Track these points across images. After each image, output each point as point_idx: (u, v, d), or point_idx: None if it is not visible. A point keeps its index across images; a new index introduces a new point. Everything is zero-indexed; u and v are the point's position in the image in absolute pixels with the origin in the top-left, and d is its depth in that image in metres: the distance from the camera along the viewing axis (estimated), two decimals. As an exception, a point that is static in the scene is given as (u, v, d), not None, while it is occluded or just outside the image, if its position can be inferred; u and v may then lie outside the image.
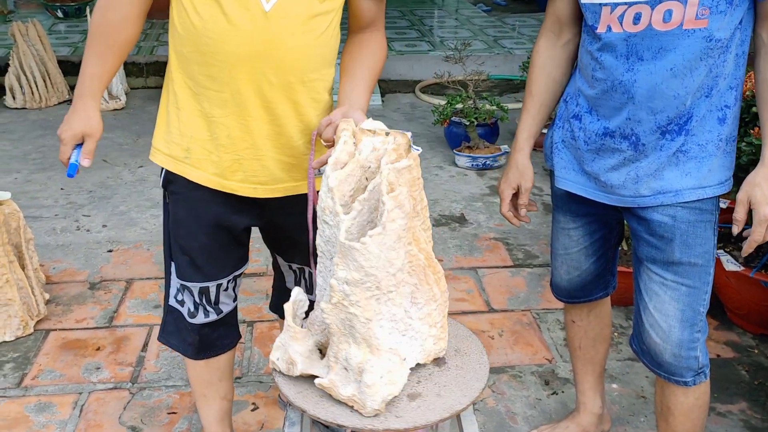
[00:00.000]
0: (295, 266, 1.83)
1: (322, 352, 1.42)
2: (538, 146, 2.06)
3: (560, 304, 2.75)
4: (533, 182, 1.79)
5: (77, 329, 2.59)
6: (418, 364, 1.43)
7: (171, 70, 1.60)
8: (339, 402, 1.33)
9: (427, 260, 1.36)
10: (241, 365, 2.41)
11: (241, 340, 2.50)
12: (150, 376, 2.34)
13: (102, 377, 2.33)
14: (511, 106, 4.59)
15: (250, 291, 2.85)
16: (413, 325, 1.39)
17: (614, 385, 2.33)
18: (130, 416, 2.16)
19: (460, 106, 4.18)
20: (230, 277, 1.73)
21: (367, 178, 1.38)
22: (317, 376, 1.35)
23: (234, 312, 1.80)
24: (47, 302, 2.72)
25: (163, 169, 1.66)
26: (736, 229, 1.54)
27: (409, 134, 1.38)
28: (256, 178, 1.61)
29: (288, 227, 1.74)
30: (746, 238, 1.58)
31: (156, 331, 2.56)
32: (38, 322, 2.60)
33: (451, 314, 2.70)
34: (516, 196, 1.81)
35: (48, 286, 2.85)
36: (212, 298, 1.72)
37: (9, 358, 2.42)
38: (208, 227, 1.66)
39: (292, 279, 1.86)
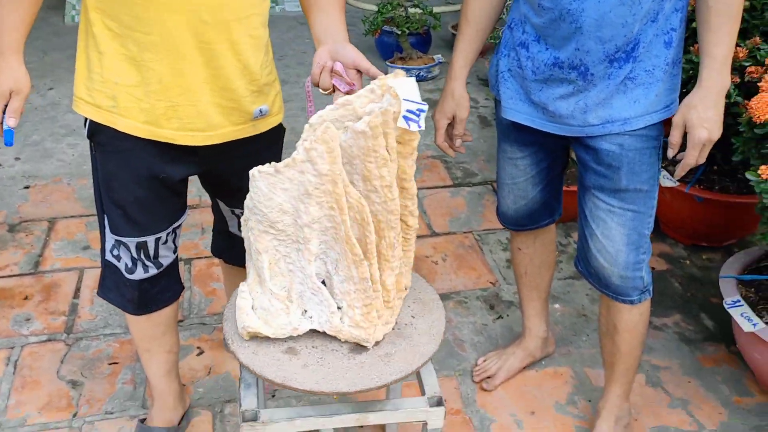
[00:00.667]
0: (238, 211, 1.74)
1: None
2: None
3: (499, 225, 2.77)
4: (468, 112, 1.75)
5: (1, 277, 2.44)
6: (326, 334, 1.40)
7: (87, 9, 1.43)
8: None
9: (346, 236, 1.29)
10: (182, 307, 2.33)
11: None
12: (85, 324, 2.24)
13: (34, 329, 2.22)
14: (442, 9, 4.44)
15: (185, 225, 2.71)
16: (323, 291, 1.36)
17: (556, 305, 2.38)
18: (69, 369, 2.08)
19: (391, 15, 4.00)
20: (169, 229, 1.63)
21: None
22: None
23: (175, 263, 1.71)
24: (-37, 249, 2.54)
25: (86, 118, 1.51)
26: (671, 153, 1.55)
27: (415, 106, 1.25)
28: (193, 124, 1.49)
29: (230, 174, 1.63)
30: (680, 161, 1.58)
31: (87, 274, 2.45)
32: (-45, 272, 2.43)
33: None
34: (451, 125, 1.77)
35: (-38, 230, 2.65)
36: (151, 252, 1.62)
37: (-73, 314, 2.27)
38: (142, 179, 1.53)
39: (235, 224, 1.77)
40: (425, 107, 1.25)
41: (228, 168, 1.61)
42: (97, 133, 1.52)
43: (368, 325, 1.35)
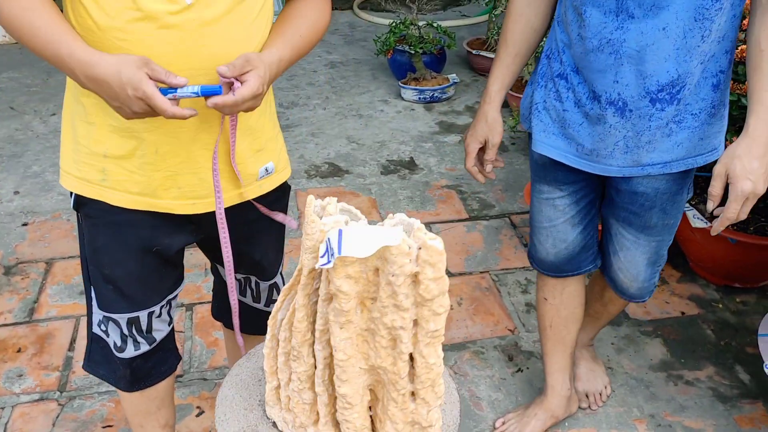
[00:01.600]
0: (239, 276, 1.60)
1: None
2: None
3: (519, 264, 2.63)
4: (501, 137, 1.68)
5: (-7, 327, 2.33)
6: None
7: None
8: None
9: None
10: (182, 360, 2.20)
11: (180, 329, 2.29)
12: (80, 381, 2.12)
13: (26, 386, 2.10)
14: (457, 23, 4.29)
15: (187, 266, 2.57)
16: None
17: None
18: (61, 434, 1.96)
19: (404, 33, 3.86)
20: (163, 302, 1.49)
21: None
22: None
23: (171, 335, 1.57)
24: (-44, 295, 2.43)
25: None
26: (711, 205, 1.43)
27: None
28: (194, 192, 1.36)
29: (232, 239, 1.47)
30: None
31: (83, 323, 2.33)
32: (-53, 321, 2.33)
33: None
34: (482, 150, 1.71)
35: (-44, 273, 2.55)
36: (143, 327, 1.48)
37: None
38: (135, 252, 1.40)
39: (235, 288, 1.63)
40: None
41: (229, 234, 1.46)
42: (84, 205, 1.39)
43: None
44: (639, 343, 2.29)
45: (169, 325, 1.55)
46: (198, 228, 1.45)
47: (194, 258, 2.63)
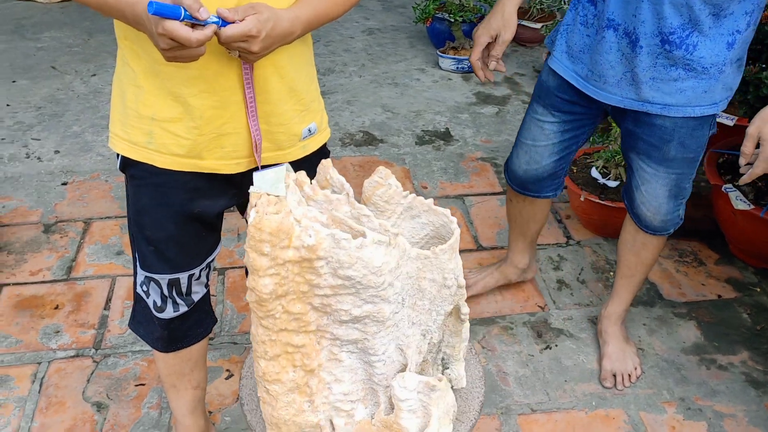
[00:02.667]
0: None
1: None
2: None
3: (552, 240, 2.61)
4: (513, 34, 1.71)
5: (33, 283, 2.38)
6: None
7: (120, 38, 1.31)
8: None
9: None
10: (213, 323, 2.23)
11: (213, 292, 2.33)
12: (114, 340, 2.17)
13: (62, 343, 2.16)
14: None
15: (220, 231, 2.63)
16: None
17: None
18: (95, 390, 2.01)
19: (444, 1, 3.79)
20: (203, 264, 1.52)
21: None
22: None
23: (207, 297, 1.60)
24: (-3, 251, 2.50)
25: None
26: (742, 161, 1.54)
27: (282, 166, 1.08)
28: (238, 152, 1.37)
29: None
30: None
31: (119, 283, 2.38)
32: (-12, 276, 2.39)
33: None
34: (491, 45, 1.74)
35: (-3, 230, 2.61)
36: (183, 289, 1.51)
37: (-41, 322, 2.23)
38: (177, 216, 1.42)
39: None
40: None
41: None
42: (130, 166, 1.41)
43: None
44: (672, 325, 2.25)
45: (206, 287, 1.57)
46: (239, 192, 1.46)
47: (227, 223, 2.65)
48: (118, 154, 1.42)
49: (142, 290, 1.52)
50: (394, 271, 1.02)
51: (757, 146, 1.53)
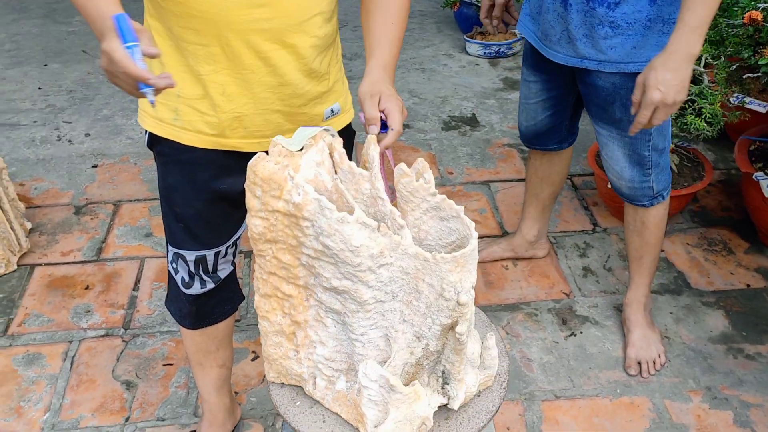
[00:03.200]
0: None
1: None
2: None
3: (578, 227, 2.59)
4: None
5: (64, 263, 2.43)
6: None
7: (146, 16, 1.33)
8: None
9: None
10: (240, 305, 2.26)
11: (239, 275, 2.35)
12: (143, 320, 2.21)
13: (93, 322, 2.20)
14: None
15: (247, 214, 2.66)
16: None
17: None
18: (124, 369, 2.05)
19: (471, -15, 3.76)
20: (229, 242, 1.55)
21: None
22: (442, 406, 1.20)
23: (233, 275, 1.62)
24: (30, 232, 2.54)
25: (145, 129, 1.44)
26: (633, 110, 1.60)
27: (323, 128, 1.13)
28: (260, 132, 1.39)
29: None
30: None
31: (147, 264, 2.43)
32: (22, 256, 2.44)
33: (462, 240, 2.54)
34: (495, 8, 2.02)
35: (30, 211, 2.66)
36: (210, 267, 1.54)
37: (-7, 300, 2.28)
38: (205, 192, 1.45)
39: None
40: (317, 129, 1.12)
41: None
42: (157, 143, 1.44)
43: None
44: (699, 313, 2.23)
45: (232, 265, 1.60)
46: None
47: (254, 206, 2.67)
48: (146, 131, 1.44)
49: (172, 267, 1.56)
50: (377, 258, 1.01)
51: None
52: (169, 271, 1.58)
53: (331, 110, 1.45)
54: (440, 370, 1.18)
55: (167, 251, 1.56)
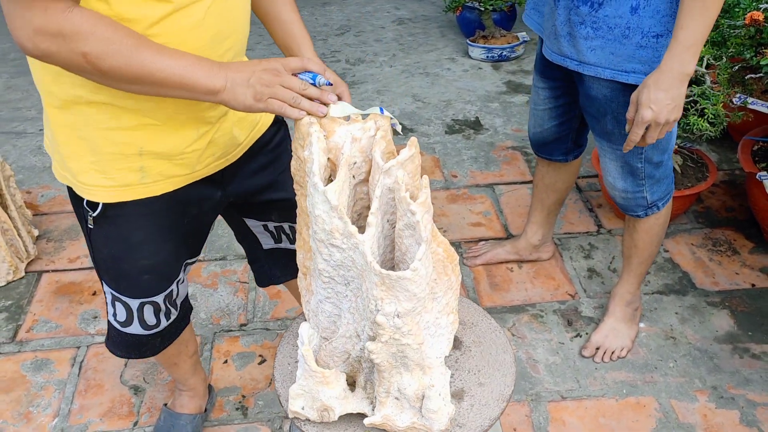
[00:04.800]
0: (271, 225, 1.58)
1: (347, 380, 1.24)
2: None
3: (583, 228, 2.60)
4: None
5: (71, 270, 2.45)
6: None
7: (61, 85, 1.18)
8: None
9: (446, 252, 1.16)
10: (246, 309, 2.27)
11: (245, 280, 2.37)
12: (150, 325, 2.22)
13: (100, 328, 2.21)
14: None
15: (252, 219, 2.67)
16: (438, 322, 1.22)
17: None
18: (132, 374, 2.06)
19: (473, -11, 3.77)
20: (184, 268, 1.51)
21: (354, 176, 1.15)
22: (362, 414, 1.20)
23: (186, 296, 1.59)
24: (37, 238, 2.56)
25: (84, 204, 1.32)
26: (627, 127, 1.60)
27: (388, 114, 1.14)
28: (223, 151, 1.36)
29: (254, 188, 1.49)
30: None
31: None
32: (29, 263, 2.46)
33: (467, 241, 2.55)
34: None
35: (37, 218, 2.68)
36: (174, 297, 1.50)
37: (1, 307, 2.30)
38: (174, 232, 1.40)
39: (270, 240, 1.62)
40: (379, 108, 1.17)
41: (252, 183, 1.48)
42: (114, 209, 1.31)
43: (457, 313, 1.33)
44: (704, 313, 2.23)
45: (185, 282, 1.56)
46: (225, 190, 1.44)
47: (259, 211, 2.69)
48: (90, 207, 1.31)
49: (119, 321, 1.48)
50: (328, 235, 1.03)
51: None
52: (113, 325, 1.50)
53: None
54: (373, 380, 1.18)
55: (116, 308, 1.46)
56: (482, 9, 3.75)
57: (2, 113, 3.42)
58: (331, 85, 1.14)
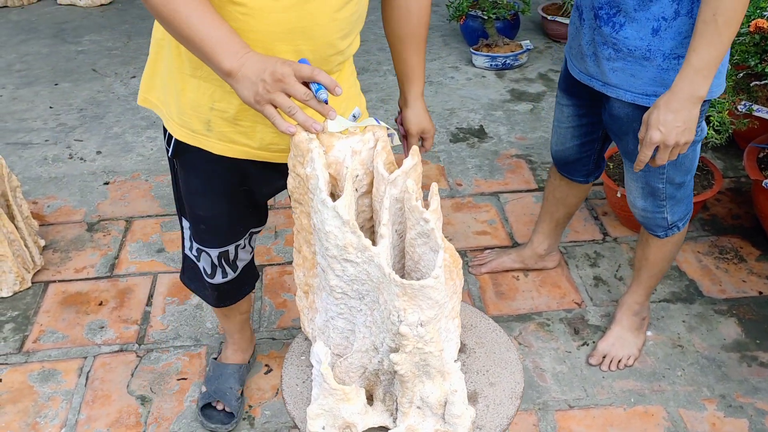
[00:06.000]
0: None
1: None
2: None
3: (588, 237, 2.60)
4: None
5: (77, 280, 2.45)
6: None
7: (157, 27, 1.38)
8: None
9: (452, 257, 1.16)
10: (252, 319, 2.27)
11: (251, 289, 2.37)
12: (157, 335, 2.22)
13: (107, 338, 2.21)
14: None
15: (258, 229, 2.67)
16: (448, 327, 1.23)
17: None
18: (139, 384, 2.06)
19: (477, -2, 3.79)
20: (248, 235, 1.64)
21: (356, 189, 1.15)
22: (384, 427, 1.20)
23: (251, 262, 1.74)
24: (43, 249, 2.57)
25: (168, 133, 1.46)
26: (639, 147, 1.58)
27: (384, 125, 1.15)
28: (286, 143, 1.42)
29: None
30: None
31: (160, 280, 2.44)
32: (36, 273, 2.46)
33: (472, 250, 2.54)
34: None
35: (43, 228, 2.68)
36: (231, 258, 1.64)
37: (8, 318, 2.30)
38: (228, 196, 1.52)
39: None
40: (374, 118, 1.18)
41: None
42: (183, 152, 1.46)
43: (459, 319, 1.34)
44: (712, 322, 2.23)
45: (250, 254, 1.69)
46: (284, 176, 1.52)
47: (265, 221, 2.69)
48: (168, 141, 1.47)
49: (192, 254, 1.64)
50: (341, 250, 1.04)
51: None
52: (186, 256, 1.68)
53: (353, 116, 1.48)
54: (393, 392, 1.19)
55: (184, 240, 1.64)
56: (485, 18, 3.76)
57: (8, 124, 3.43)
58: (327, 103, 1.11)
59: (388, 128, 1.16)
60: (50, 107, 3.57)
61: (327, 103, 1.10)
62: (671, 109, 1.48)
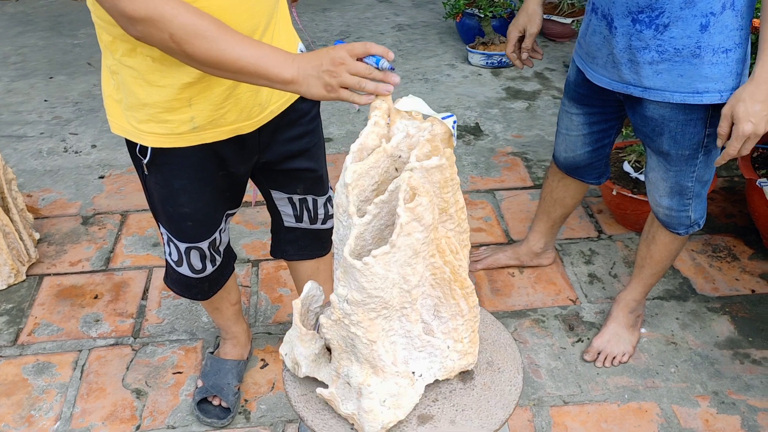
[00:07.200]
0: (296, 198, 1.70)
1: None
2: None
3: (583, 234, 2.61)
4: (539, 28, 1.90)
5: (72, 273, 2.44)
6: (437, 380, 1.27)
7: (141, 50, 1.30)
8: (340, 416, 1.21)
9: (453, 274, 1.17)
10: (248, 313, 2.27)
11: (247, 284, 2.37)
12: (152, 329, 2.22)
13: (102, 331, 2.21)
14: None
15: (254, 223, 2.68)
16: (433, 342, 1.22)
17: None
18: (134, 377, 2.06)
19: (474, -4, 3.79)
20: (225, 218, 1.67)
21: (396, 169, 1.16)
22: (323, 382, 1.23)
23: (228, 243, 1.77)
24: (38, 242, 2.56)
25: (138, 146, 1.44)
26: (719, 143, 1.58)
27: (451, 120, 1.15)
28: (251, 111, 1.46)
29: (286, 154, 1.60)
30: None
31: (155, 274, 2.43)
32: (30, 266, 2.45)
33: (468, 247, 2.55)
34: (523, 40, 1.93)
35: (38, 221, 2.67)
36: (216, 245, 1.67)
37: (2, 310, 2.29)
38: (212, 183, 1.54)
39: (290, 212, 1.74)
40: (450, 115, 1.19)
41: (282, 149, 1.59)
42: (162, 155, 1.45)
43: (474, 348, 1.27)
44: (705, 319, 2.24)
45: (226, 233, 1.72)
46: (258, 151, 1.56)
47: (260, 215, 2.70)
48: (139, 150, 1.44)
49: (173, 260, 1.66)
50: (338, 208, 1.09)
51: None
52: (169, 265, 1.70)
53: (300, 50, 1.54)
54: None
55: (168, 248, 1.65)
56: (482, 16, 3.77)
57: (3, 116, 3.42)
58: (393, 69, 1.17)
59: (453, 131, 1.16)
60: (45, 100, 3.56)
61: (393, 70, 1.16)
62: (757, 100, 1.48)
